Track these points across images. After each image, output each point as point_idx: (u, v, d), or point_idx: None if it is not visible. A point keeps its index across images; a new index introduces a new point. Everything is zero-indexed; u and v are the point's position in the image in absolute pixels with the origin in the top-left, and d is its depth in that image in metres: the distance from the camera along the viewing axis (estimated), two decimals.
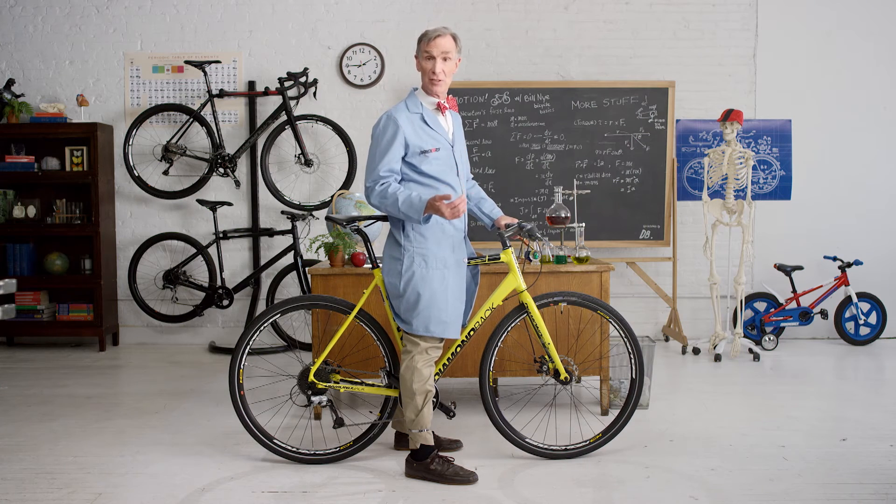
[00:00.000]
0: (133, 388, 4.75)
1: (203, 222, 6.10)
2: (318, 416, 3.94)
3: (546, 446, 3.35)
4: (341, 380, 3.33)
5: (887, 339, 6.13)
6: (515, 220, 3.33)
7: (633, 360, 3.39)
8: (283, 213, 5.75)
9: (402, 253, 3.10)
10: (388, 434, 3.59)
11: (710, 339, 5.66)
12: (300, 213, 5.77)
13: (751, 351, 5.43)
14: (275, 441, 3.31)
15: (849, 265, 5.90)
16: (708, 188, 5.62)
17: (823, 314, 5.86)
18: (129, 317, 6.17)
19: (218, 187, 6.08)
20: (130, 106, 6.10)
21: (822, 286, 5.97)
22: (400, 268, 3.10)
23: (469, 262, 3.26)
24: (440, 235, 3.12)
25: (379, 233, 4.06)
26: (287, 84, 5.80)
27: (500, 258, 3.30)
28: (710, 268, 5.55)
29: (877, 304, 5.94)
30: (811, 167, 6.12)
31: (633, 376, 3.39)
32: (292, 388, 3.39)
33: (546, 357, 3.33)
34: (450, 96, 3.24)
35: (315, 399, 3.27)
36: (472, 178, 3.49)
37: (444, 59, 3.10)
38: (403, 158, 3.10)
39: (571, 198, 5.34)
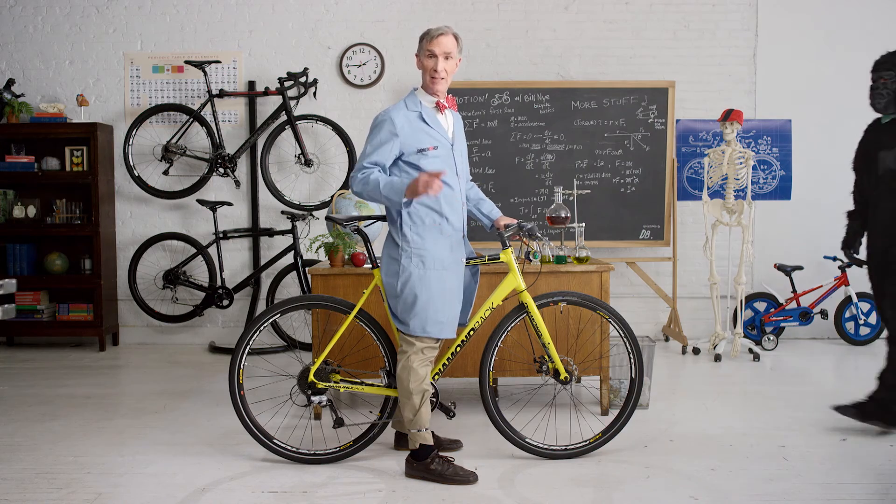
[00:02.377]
0: (133, 388, 4.75)
1: (203, 222, 6.10)
2: (318, 416, 3.94)
3: (546, 446, 3.35)
4: (341, 380, 3.33)
5: None
6: (515, 221, 3.33)
7: (632, 360, 3.39)
8: (283, 213, 5.76)
9: (400, 253, 3.10)
10: (388, 434, 3.59)
11: (710, 339, 5.66)
12: (300, 213, 5.77)
13: (751, 351, 5.43)
14: (275, 441, 3.32)
15: (849, 265, 5.89)
16: (708, 188, 5.62)
17: (823, 314, 5.86)
18: (129, 317, 6.17)
19: (218, 187, 6.08)
20: (130, 106, 6.10)
21: (822, 286, 5.97)
22: (397, 268, 3.10)
23: (468, 263, 3.26)
24: (438, 236, 3.12)
25: (379, 233, 4.06)
26: (287, 84, 5.80)
27: (499, 258, 3.31)
28: (710, 268, 5.55)
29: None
30: (811, 167, 6.11)
31: (633, 376, 3.39)
32: (292, 388, 3.39)
33: (546, 357, 3.34)
34: (449, 96, 3.24)
35: (315, 399, 3.27)
36: (471, 180, 3.49)
37: (446, 58, 3.11)
38: (402, 159, 3.11)
39: (571, 198, 5.34)
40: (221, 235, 5.83)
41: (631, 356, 3.39)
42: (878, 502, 2.91)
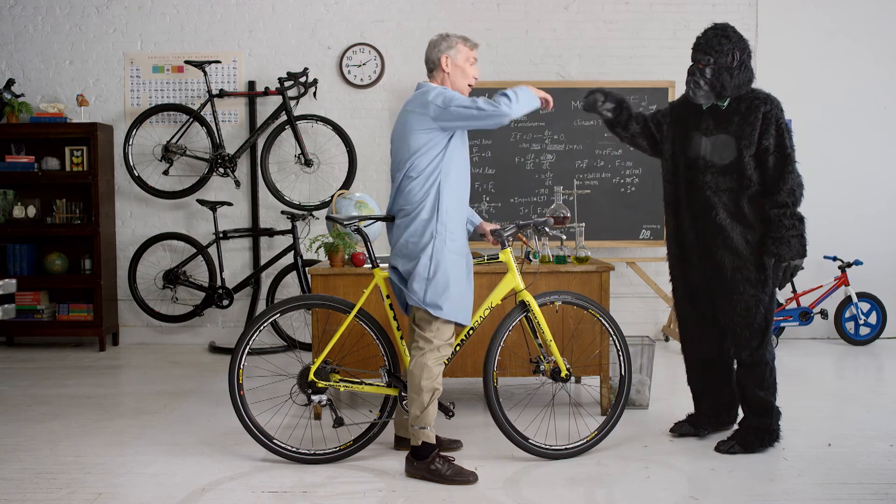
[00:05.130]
0: (133, 388, 4.75)
1: (203, 222, 6.10)
2: (317, 416, 3.94)
3: (548, 447, 3.35)
4: (341, 379, 3.33)
5: (887, 339, 6.13)
6: (498, 226, 3.39)
7: (621, 358, 3.45)
8: (283, 213, 5.76)
9: (434, 236, 3.09)
10: (388, 434, 3.59)
11: None
12: (300, 213, 5.77)
13: None
14: (275, 441, 3.32)
15: (849, 265, 5.90)
16: None
17: (823, 314, 5.86)
18: (129, 317, 6.17)
19: (218, 187, 6.08)
20: (130, 106, 6.10)
21: (822, 286, 5.97)
22: (430, 250, 3.09)
23: None
24: (462, 224, 3.21)
25: (379, 233, 4.06)
26: (287, 84, 5.79)
27: (498, 258, 3.31)
28: None
29: (877, 304, 5.94)
30: (811, 167, 6.08)
31: (623, 373, 3.45)
32: (292, 388, 3.38)
33: (541, 357, 3.35)
34: None
35: (315, 398, 3.28)
36: None
37: None
38: (450, 141, 3.23)
39: (571, 198, 5.33)
40: (221, 235, 5.83)
41: (620, 354, 3.45)
42: (878, 502, 2.91)
